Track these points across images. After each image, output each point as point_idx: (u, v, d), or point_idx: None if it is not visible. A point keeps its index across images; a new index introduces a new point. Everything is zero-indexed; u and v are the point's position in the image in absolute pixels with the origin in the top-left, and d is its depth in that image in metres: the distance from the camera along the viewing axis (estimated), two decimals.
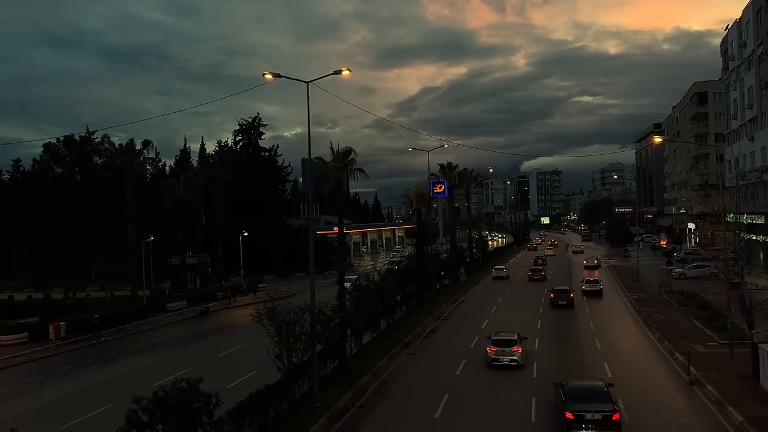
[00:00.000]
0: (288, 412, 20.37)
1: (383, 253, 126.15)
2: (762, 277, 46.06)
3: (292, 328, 21.55)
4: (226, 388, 18.62)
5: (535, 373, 26.10)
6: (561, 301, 43.99)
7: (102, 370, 31.05)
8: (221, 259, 68.24)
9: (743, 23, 58.12)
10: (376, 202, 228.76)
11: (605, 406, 18.20)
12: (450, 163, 76.63)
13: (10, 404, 25.37)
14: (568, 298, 44.12)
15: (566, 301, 43.89)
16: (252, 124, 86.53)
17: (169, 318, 47.94)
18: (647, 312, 39.45)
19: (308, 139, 23.80)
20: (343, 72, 23.83)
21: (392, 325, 36.18)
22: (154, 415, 14.53)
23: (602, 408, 18.07)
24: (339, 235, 33.69)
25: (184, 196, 61.40)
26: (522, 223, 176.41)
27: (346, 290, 28.93)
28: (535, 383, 24.41)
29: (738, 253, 28.18)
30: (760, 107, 54.33)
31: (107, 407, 22.81)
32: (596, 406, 18.14)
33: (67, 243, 62.77)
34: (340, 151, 29.09)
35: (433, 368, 27.69)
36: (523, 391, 23.27)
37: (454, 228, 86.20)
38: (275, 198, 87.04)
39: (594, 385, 19.88)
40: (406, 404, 22.55)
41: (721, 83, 72.67)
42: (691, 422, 19.81)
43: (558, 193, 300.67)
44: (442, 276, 57.28)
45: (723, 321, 29.35)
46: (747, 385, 22.09)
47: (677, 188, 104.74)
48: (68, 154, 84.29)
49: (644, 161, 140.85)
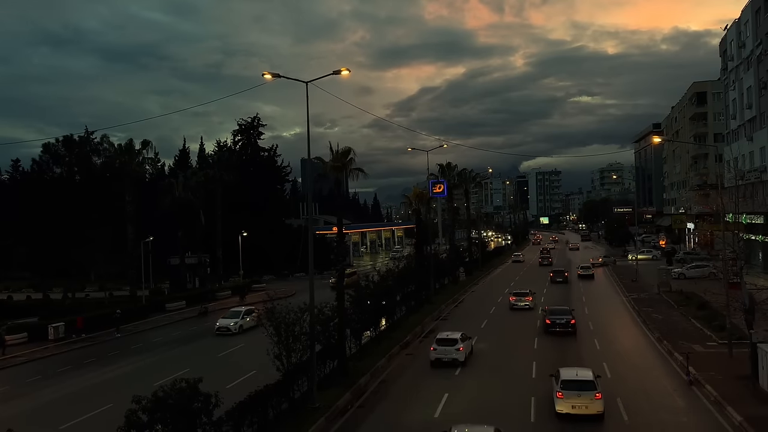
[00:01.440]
0: (287, 412, 20.36)
1: (382, 253, 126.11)
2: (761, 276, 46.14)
3: (291, 328, 21.57)
4: (225, 388, 18.64)
5: (534, 372, 26.13)
6: (558, 278, 58.62)
7: (101, 371, 31.02)
8: (220, 259, 68.22)
9: (742, 23, 58.12)
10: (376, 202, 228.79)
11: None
12: (449, 163, 76.85)
13: (9, 404, 25.34)
14: (563, 276, 59.23)
15: (561, 279, 58.65)
16: (251, 124, 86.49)
17: (169, 318, 47.91)
18: (646, 312, 39.47)
19: (308, 138, 23.79)
20: (342, 72, 23.82)
21: (391, 325, 36.17)
22: (153, 415, 14.54)
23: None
24: (338, 235, 33.66)
25: (183, 196, 61.35)
26: (521, 223, 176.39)
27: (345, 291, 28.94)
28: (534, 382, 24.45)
29: (737, 253, 28.20)
30: (759, 107, 54.35)
31: (106, 407, 22.82)
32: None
33: (66, 243, 62.70)
34: (339, 151, 29.06)
35: (433, 368, 27.66)
36: (523, 390, 23.30)
37: (453, 228, 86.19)
38: (274, 198, 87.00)
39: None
40: (406, 404, 22.54)
41: (720, 83, 72.70)
42: (690, 422, 19.83)
43: (557, 193, 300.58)
44: (441, 276, 57.28)
45: (722, 321, 29.38)
46: (746, 385, 22.11)
47: (676, 188, 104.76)
48: (67, 154, 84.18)
49: (643, 161, 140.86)
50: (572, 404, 19.84)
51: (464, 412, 20.96)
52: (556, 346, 31.60)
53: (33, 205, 76.06)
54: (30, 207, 76.07)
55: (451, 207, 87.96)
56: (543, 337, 33.55)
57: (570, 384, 20.26)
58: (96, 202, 73.01)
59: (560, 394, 20.07)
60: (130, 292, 54.89)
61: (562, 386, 20.33)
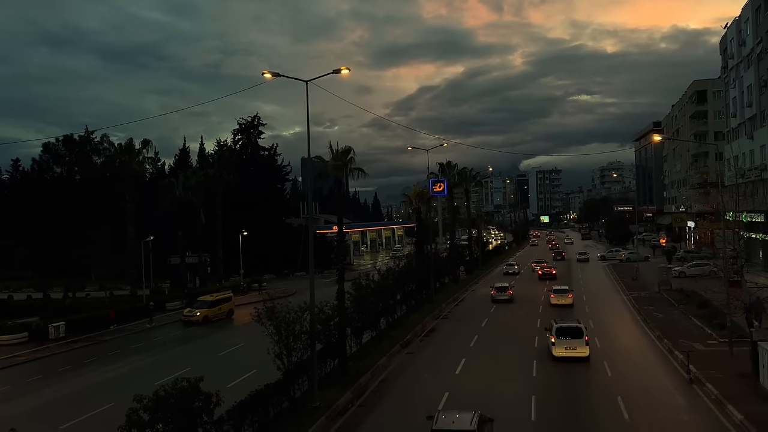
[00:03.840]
0: (288, 411, 20.37)
1: (383, 252, 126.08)
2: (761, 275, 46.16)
3: (291, 327, 21.55)
4: (226, 388, 18.64)
5: (534, 371, 26.13)
6: (558, 257, 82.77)
7: (102, 370, 31.04)
8: (221, 258, 68.20)
9: (742, 21, 58.09)
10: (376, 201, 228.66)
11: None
12: (449, 161, 76.83)
13: (10, 404, 25.34)
14: (561, 255, 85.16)
15: (561, 257, 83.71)
16: (251, 123, 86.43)
17: (169, 317, 47.92)
18: (647, 310, 39.48)
19: (308, 137, 23.79)
20: (342, 71, 23.82)
21: (392, 324, 36.16)
22: (154, 415, 14.54)
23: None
24: (338, 234, 33.67)
25: (184, 195, 61.34)
26: (522, 222, 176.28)
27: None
28: (534, 381, 24.50)
29: (737, 252, 28.19)
30: (759, 105, 54.32)
31: (107, 407, 22.82)
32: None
33: (67, 243, 62.67)
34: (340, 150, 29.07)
35: (433, 367, 27.69)
36: (524, 390, 23.30)
37: (453, 227, 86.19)
38: (275, 197, 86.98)
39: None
40: (406, 403, 22.55)
41: (720, 81, 72.65)
42: (691, 420, 19.83)
43: (557, 192, 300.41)
44: (441, 275, 57.28)
45: (722, 319, 29.35)
46: (747, 384, 22.09)
47: (677, 187, 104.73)
48: (67, 154, 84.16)
49: (643, 160, 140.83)
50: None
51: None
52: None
53: (33, 204, 76.03)
54: (30, 207, 76.03)
55: (451, 206, 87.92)
56: (544, 337, 33.47)
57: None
58: (96, 201, 73.00)
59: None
60: (130, 292, 54.85)
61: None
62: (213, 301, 46.50)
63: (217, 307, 46.03)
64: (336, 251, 69.91)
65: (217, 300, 46.89)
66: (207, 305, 45.57)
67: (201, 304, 45.73)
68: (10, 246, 70.18)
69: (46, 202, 75.76)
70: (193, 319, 43.99)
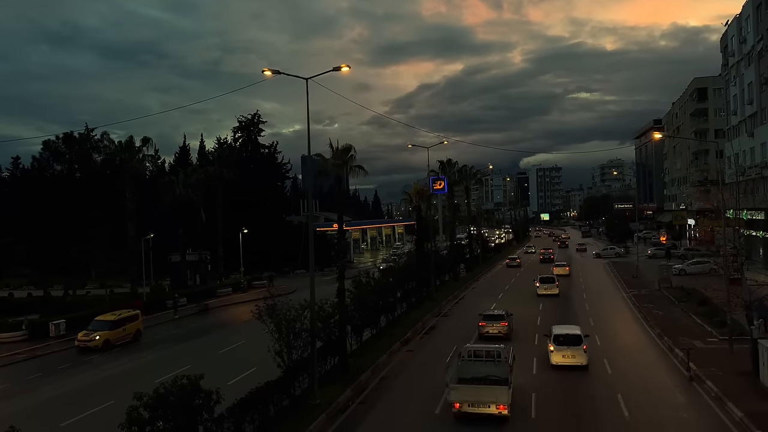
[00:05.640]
0: (288, 408, 20.38)
1: (383, 250, 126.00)
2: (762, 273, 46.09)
3: (292, 325, 21.56)
4: (226, 385, 18.63)
5: (534, 368, 26.16)
6: (562, 246, 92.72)
7: (102, 368, 31.05)
8: (221, 256, 68.20)
9: (743, 19, 58.03)
10: (376, 198, 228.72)
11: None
12: (449, 159, 76.87)
13: (10, 402, 25.35)
14: (565, 243, 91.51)
15: (565, 246, 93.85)
16: (251, 121, 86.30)
17: (169, 315, 47.89)
18: (647, 308, 39.48)
19: (308, 135, 23.77)
20: (342, 68, 23.78)
21: (392, 322, 36.17)
22: (155, 412, 14.55)
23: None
24: (339, 231, 33.73)
25: (184, 193, 61.28)
26: (522, 220, 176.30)
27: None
28: (534, 378, 24.50)
29: (738, 249, 28.17)
30: (760, 103, 54.28)
31: (107, 404, 22.84)
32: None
33: (67, 240, 62.73)
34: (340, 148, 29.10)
35: (433, 365, 27.68)
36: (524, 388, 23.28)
37: (454, 225, 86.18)
38: (275, 195, 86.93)
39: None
40: (406, 401, 22.57)
41: (720, 79, 72.61)
42: (691, 418, 19.84)
43: (558, 189, 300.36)
44: (442, 272, 57.28)
45: (723, 317, 29.35)
46: (747, 381, 22.10)
47: (677, 184, 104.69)
48: (67, 152, 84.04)
49: (644, 157, 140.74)
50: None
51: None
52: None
53: (33, 202, 76.06)
54: (30, 204, 76.08)
55: (451, 203, 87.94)
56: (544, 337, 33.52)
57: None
58: (96, 199, 72.99)
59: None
60: (130, 289, 54.86)
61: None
62: (115, 321, 36.85)
63: (120, 328, 36.82)
64: (336, 249, 70.01)
65: (120, 319, 37.27)
66: (108, 326, 36.18)
67: (100, 325, 36.22)
68: (10, 243, 70.21)
69: (46, 199, 75.75)
70: (92, 345, 35.04)
